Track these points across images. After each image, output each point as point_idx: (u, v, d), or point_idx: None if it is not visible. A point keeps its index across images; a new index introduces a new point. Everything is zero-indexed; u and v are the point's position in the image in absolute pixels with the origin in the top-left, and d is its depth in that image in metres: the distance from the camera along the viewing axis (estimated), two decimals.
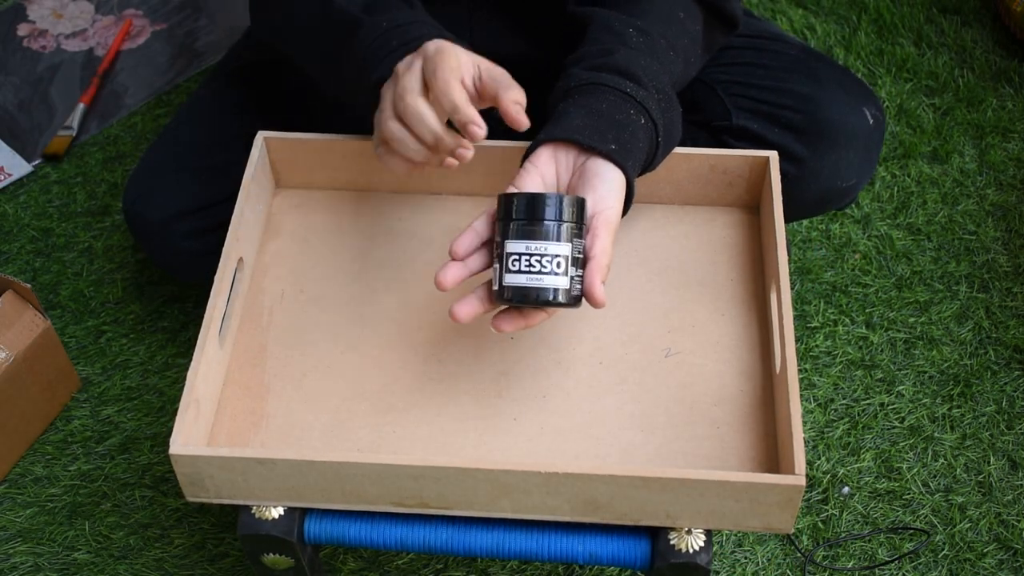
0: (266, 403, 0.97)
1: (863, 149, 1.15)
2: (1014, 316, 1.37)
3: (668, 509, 0.88)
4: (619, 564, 0.92)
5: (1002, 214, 1.47)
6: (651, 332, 1.00)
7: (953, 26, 1.67)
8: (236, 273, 1.01)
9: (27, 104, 1.58)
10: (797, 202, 1.16)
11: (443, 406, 0.96)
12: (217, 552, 1.20)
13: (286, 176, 1.10)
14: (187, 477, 0.89)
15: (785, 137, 1.13)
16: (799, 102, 1.14)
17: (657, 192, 1.08)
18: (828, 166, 1.14)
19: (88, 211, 1.48)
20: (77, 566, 1.19)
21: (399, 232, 1.07)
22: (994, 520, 1.21)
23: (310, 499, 0.90)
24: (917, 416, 1.29)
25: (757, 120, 1.14)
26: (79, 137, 1.55)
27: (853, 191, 1.18)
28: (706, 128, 1.17)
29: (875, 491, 1.23)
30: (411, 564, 1.18)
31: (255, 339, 1.01)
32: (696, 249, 1.05)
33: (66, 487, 1.25)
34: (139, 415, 1.30)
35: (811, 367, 1.32)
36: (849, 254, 1.42)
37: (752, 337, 0.99)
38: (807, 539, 1.20)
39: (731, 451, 0.93)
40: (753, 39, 1.22)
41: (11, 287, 1.21)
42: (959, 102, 1.58)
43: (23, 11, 1.70)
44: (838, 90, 1.15)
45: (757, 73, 1.17)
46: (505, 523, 0.92)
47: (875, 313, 1.37)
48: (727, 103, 1.16)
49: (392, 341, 1.00)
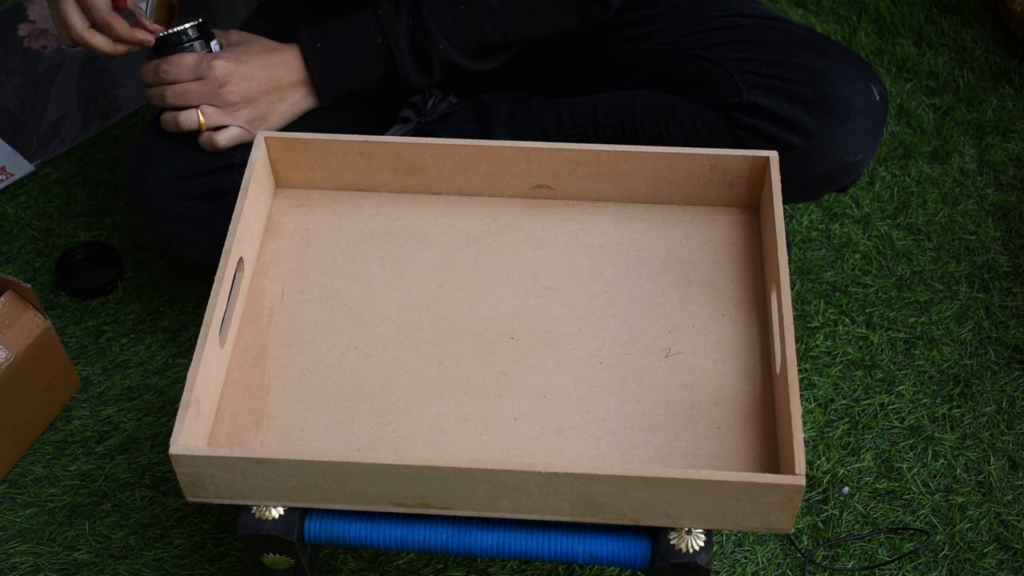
0: (266, 403, 0.97)
1: (870, 124, 1.17)
2: (1014, 316, 1.37)
3: (668, 509, 0.88)
4: (619, 564, 0.92)
5: (1002, 214, 1.47)
6: (651, 332, 1.00)
7: (953, 26, 1.68)
8: (236, 273, 1.01)
9: (28, 104, 1.58)
10: (805, 178, 1.18)
11: (443, 406, 0.96)
12: (217, 552, 1.20)
13: (286, 176, 1.10)
14: (187, 477, 0.89)
15: (795, 111, 1.14)
16: (809, 76, 1.15)
17: (657, 192, 1.08)
18: (837, 139, 1.15)
19: (88, 211, 1.48)
20: (77, 566, 1.19)
21: (399, 232, 1.08)
22: (994, 520, 1.21)
23: (310, 499, 0.91)
24: (917, 416, 1.29)
25: (768, 96, 1.15)
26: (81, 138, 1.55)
27: (859, 167, 1.20)
28: (716, 107, 1.18)
29: (875, 491, 1.23)
30: (411, 564, 1.18)
31: (255, 339, 1.01)
32: (696, 249, 1.05)
33: (66, 487, 1.25)
34: (139, 415, 1.30)
35: (811, 367, 1.32)
36: (849, 254, 1.42)
37: (752, 337, 0.99)
38: (807, 539, 1.20)
39: (731, 451, 0.93)
40: (760, 19, 1.23)
41: (11, 287, 1.21)
42: (959, 102, 1.58)
43: (23, 11, 1.70)
44: (846, 65, 1.17)
45: (766, 50, 1.18)
46: (505, 523, 0.92)
47: (875, 313, 1.37)
48: (737, 80, 1.17)
49: (392, 341, 1.00)
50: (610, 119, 1.23)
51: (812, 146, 1.15)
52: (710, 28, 1.23)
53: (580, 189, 1.08)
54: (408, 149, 1.06)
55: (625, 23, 1.29)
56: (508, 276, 1.04)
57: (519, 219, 1.08)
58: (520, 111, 1.28)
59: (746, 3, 1.27)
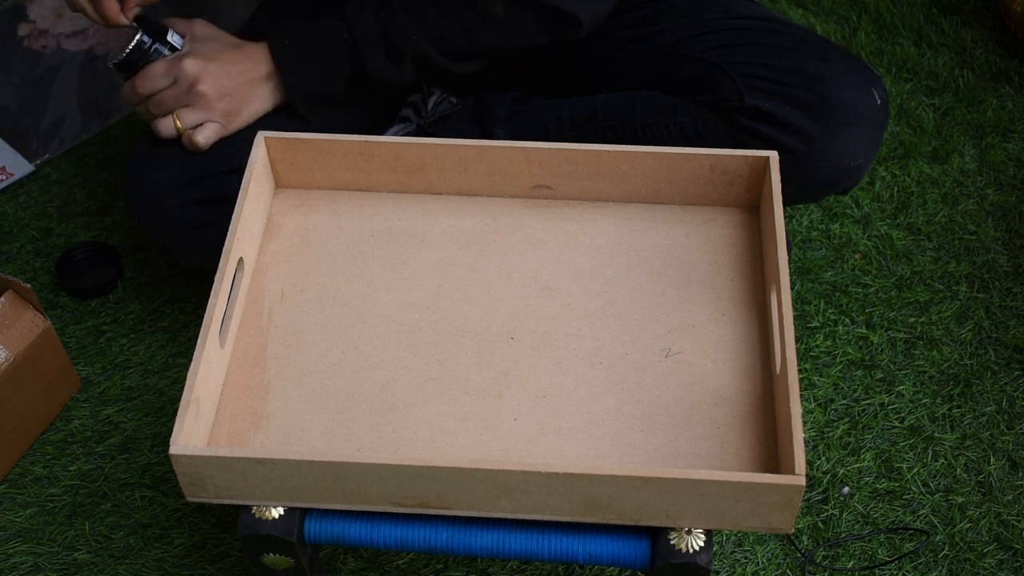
0: (266, 403, 0.97)
1: (871, 128, 1.17)
2: (1014, 316, 1.37)
3: (668, 509, 0.88)
4: (619, 564, 0.92)
5: (1002, 214, 1.47)
6: (651, 332, 1.00)
7: (953, 26, 1.68)
8: (236, 273, 1.01)
9: (28, 104, 1.58)
10: (806, 181, 1.18)
11: (443, 406, 0.96)
12: (217, 552, 1.20)
13: (286, 176, 1.10)
14: (187, 477, 0.89)
15: (796, 115, 1.14)
16: (810, 80, 1.15)
17: (657, 192, 1.08)
18: (838, 143, 1.15)
19: (88, 211, 1.48)
20: (77, 566, 1.19)
21: (399, 232, 1.08)
22: (994, 520, 1.21)
23: (310, 499, 0.91)
24: (917, 416, 1.29)
25: (769, 99, 1.15)
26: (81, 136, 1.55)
27: (860, 171, 1.20)
28: (717, 109, 1.18)
29: (875, 491, 1.23)
30: (411, 564, 1.18)
31: (255, 339, 1.01)
32: (696, 249, 1.05)
33: (66, 487, 1.25)
34: (139, 415, 1.30)
35: (811, 367, 1.32)
36: (849, 254, 1.42)
37: (752, 337, 0.99)
38: (807, 539, 1.20)
39: (731, 451, 0.93)
40: (761, 21, 1.23)
41: (11, 287, 1.21)
42: (959, 102, 1.58)
43: (23, 11, 1.70)
44: (847, 69, 1.17)
45: (767, 53, 1.18)
46: (505, 523, 0.92)
47: (875, 313, 1.37)
48: (738, 83, 1.17)
49: (392, 341, 1.00)
50: (610, 120, 1.23)
51: (813, 150, 1.15)
52: (711, 30, 1.23)
53: (580, 189, 1.08)
54: (408, 149, 1.06)
55: (626, 24, 1.28)
56: (508, 276, 1.04)
57: (519, 219, 1.08)
58: (520, 112, 1.28)
59: (746, 4, 1.27)
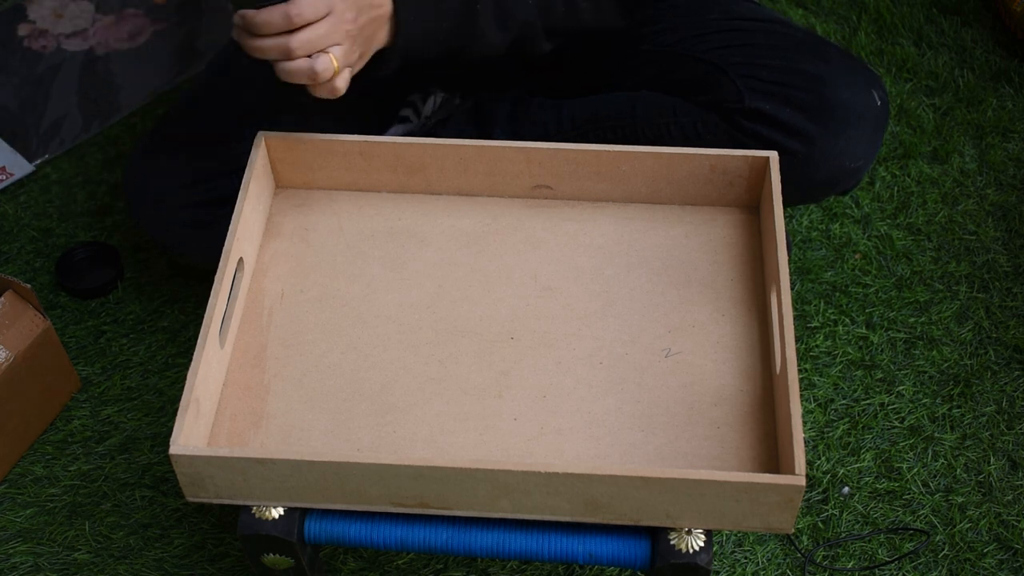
0: (266, 403, 0.97)
1: (871, 130, 1.17)
2: (1014, 316, 1.37)
3: (668, 509, 0.88)
4: (619, 564, 0.92)
5: (1002, 214, 1.47)
6: (651, 332, 1.00)
7: (953, 26, 1.67)
8: (236, 273, 1.01)
9: (28, 104, 1.58)
10: (806, 183, 1.18)
11: (443, 406, 0.96)
12: (217, 552, 1.20)
13: (286, 176, 1.10)
14: (187, 477, 0.89)
15: (796, 116, 1.14)
16: (810, 82, 1.15)
17: (657, 192, 1.08)
18: (839, 145, 1.15)
19: (88, 211, 1.48)
20: (77, 566, 1.19)
21: (399, 232, 1.08)
22: (994, 520, 1.21)
23: (310, 499, 0.91)
24: (917, 416, 1.29)
25: (769, 101, 1.15)
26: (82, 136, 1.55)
27: (860, 172, 1.20)
28: (717, 110, 1.18)
29: (875, 491, 1.23)
30: (411, 564, 1.18)
31: (255, 339, 1.01)
32: (696, 249, 1.05)
33: (66, 487, 1.25)
34: (139, 415, 1.30)
35: (811, 367, 1.32)
36: (849, 254, 1.42)
37: (752, 337, 0.99)
38: (807, 539, 1.20)
39: (731, 451, 0.93)
40: (761, 22, 1.23)
41: (11, 287, 1.21)
42: (959, 102, 1.58)
43: (23, 11, 1.70)
44: (847, 70, 1.17)
45: (767, 54, 1.18)
46: (505, 523, 0.92)
47: (875, 313, 1.37)
48: (739, 85, 1.17)
49: (392, 341, 1.00)
50: (610, 121, 1.23)
51: (813, 152, 1.15)
52: (711, 30, 1.23)
53: (580, 189, 1.08)
54: (408, 149, 1.07)
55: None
56: (508, 276, 1.04)
57: (519, 219, 1.08)
58: (520, 112, 1.28)
59: (747, 5, 1.27)
